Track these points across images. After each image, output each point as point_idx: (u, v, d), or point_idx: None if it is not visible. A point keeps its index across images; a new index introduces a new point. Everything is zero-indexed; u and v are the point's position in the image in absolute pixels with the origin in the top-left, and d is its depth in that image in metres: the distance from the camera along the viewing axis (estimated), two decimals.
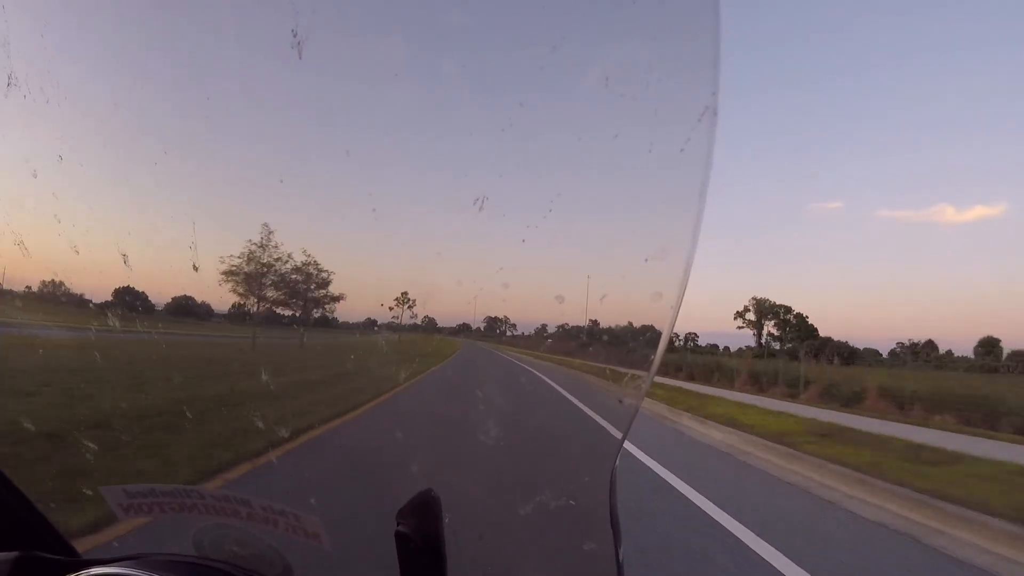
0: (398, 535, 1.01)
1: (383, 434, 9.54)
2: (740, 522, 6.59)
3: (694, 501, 7.44)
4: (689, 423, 15.89)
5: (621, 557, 1.13)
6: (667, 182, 1.07)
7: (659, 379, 27.95)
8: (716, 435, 13.64)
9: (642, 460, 9.71)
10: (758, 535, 6.19)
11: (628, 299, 1.26)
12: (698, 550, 5.76)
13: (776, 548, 5.83)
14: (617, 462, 1.21)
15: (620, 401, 1.28)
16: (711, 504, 7.29)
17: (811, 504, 8.12)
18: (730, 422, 14.38)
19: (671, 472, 8.93)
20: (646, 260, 1.02)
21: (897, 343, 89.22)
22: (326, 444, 8.37)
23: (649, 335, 1.25)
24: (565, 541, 3.61)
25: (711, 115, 0.87)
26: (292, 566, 1.21)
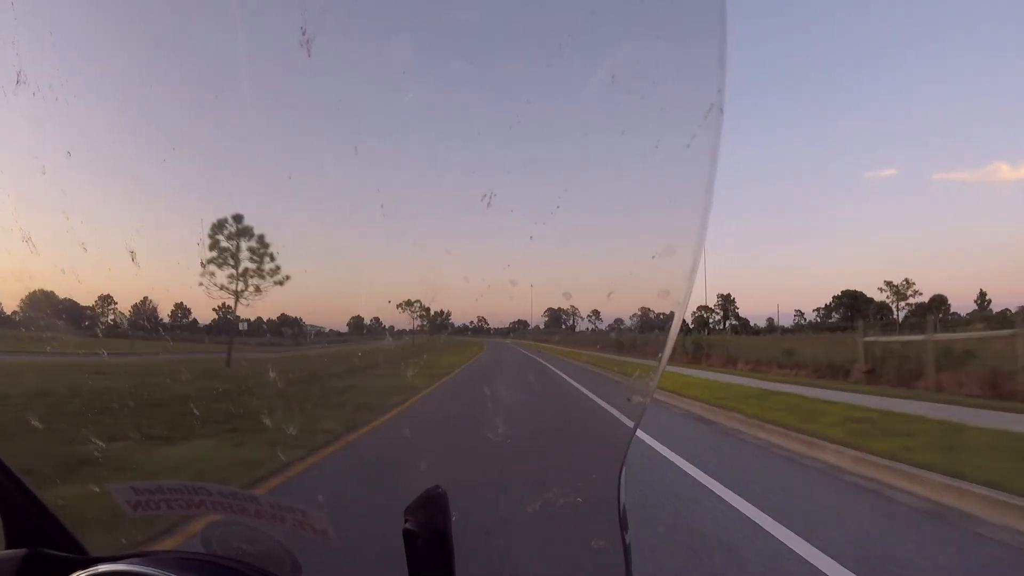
0: (406, 532, 1.01)
1: (391, 431, 9.54)
2: None
3: None
4: None
5: (630, 554, 1.13)
6: (674, 179, 1.07)
7: None
8: None
9: None
10: None
11: (635, 296, 1.26)
12: None
13: None
14: (626, 459, 1.21)
15: (628, 399, 1.27)
16: None
17: None
18: None
19: None
20: (653, 257, 1.01)
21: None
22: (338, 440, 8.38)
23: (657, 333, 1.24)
24: (573, 538, 3.62)
25: (717, 112, 0.87)
26: (300, 563, 1.22)
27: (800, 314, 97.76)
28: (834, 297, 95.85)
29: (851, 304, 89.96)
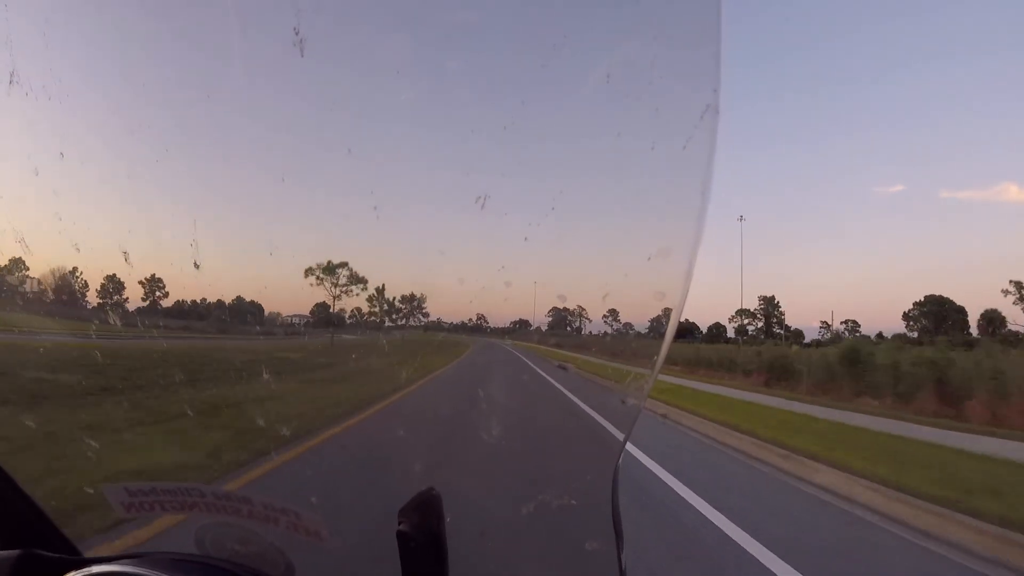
0: (399, 534, 1.01)
1: (384, 433, 9.52)
2: None
3: None
4: None
5: (623, 557, 1.13)
6: (670, 181, 1.07)
7: None
8: None
9: None
10: None
11: (631, 298, 1.26)
12: None
13: None
14: (620, 462, 1.21)
15: (623, 402, 1.27)
16: None
17: None
18: None
19: None
20: (648, 259, 1.01)
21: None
22: (330, 440, 8.35)
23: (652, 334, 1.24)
24: (567, 540, 3.63)
25: (713, 113, 0.87)
26: (294, 564, 1.21)
27: (852, 324, 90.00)
28: (915, 304, 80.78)
29: (938, 312, 76.75)
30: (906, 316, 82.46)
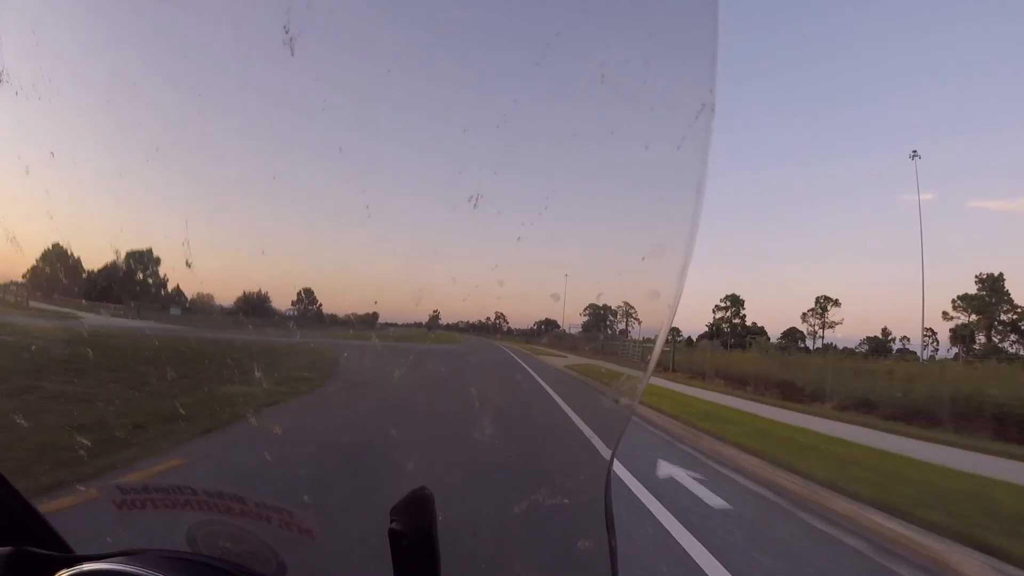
0: (391, 532, 1.01)
1: (376, 430, 9.50)
2: None
3: None
4: None
5: (616, 555, 1.13)
6: (664, 179, 1.07)
7: None
8: None
9: None
10: None
11: (624, 298, 1.26)
12: None
13: None
14: (613, 461, 1.21)
15: (616, 401, 1.28)
16: None
17: None
18: None
19: None
20: (643, 258, 1.01)
21: None
22: (321, 439, 8.34)
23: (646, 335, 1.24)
24: (559, 539, 3.63)
25: (708, 112, 0.87)
26: (285, 562, 1.21)
27: None
28: None
29: None
30: None
